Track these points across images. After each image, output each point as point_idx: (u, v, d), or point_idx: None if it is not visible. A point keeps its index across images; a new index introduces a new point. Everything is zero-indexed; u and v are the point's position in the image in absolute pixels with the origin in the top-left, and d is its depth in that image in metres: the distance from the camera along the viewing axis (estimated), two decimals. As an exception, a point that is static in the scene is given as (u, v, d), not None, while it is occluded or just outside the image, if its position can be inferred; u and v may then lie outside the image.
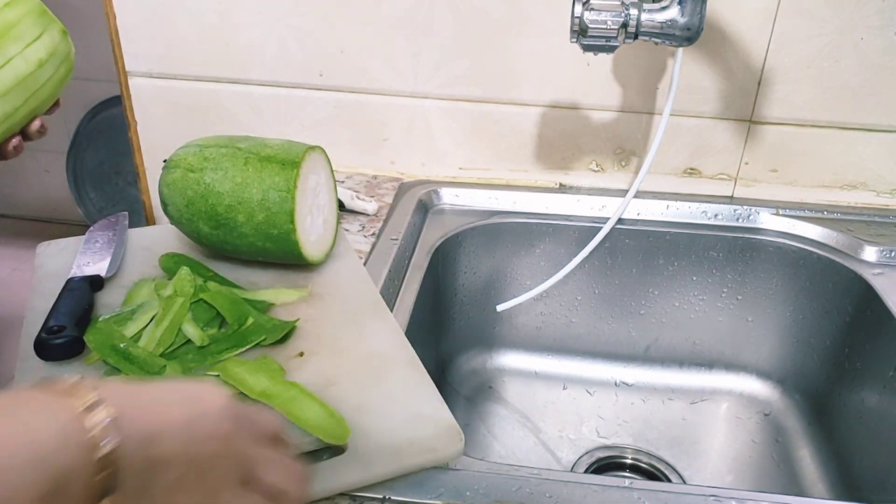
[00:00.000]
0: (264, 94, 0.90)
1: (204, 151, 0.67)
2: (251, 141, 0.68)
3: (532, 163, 0.89)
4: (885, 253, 0.79)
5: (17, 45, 0.59)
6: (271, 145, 0.67)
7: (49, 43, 0.62)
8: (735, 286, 0.85)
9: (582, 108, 0.86)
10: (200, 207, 0.66)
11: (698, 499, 0.49)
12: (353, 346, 0.60)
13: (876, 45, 0.78)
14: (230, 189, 0.65)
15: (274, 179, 0.65)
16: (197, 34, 0.88)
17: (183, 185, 0.66)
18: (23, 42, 0.60)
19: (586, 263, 0.84)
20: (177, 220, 0.68)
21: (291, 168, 0.65)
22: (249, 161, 0.65)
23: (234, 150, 0.67)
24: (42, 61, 0.61)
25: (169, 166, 0.68)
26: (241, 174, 0.65)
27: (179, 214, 0.67)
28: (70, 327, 0.58)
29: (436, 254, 0.80)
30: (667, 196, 0.87)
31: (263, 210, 0.64)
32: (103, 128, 1.87)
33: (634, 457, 0.81)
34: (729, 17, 0.79)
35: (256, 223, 0.65)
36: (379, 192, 0.88)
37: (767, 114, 0.83)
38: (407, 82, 0.87)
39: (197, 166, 0.66)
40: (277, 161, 0.65)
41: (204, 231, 0.67)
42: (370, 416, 0.52)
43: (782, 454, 0.80)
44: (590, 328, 0.90)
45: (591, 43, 0.68)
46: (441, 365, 0.88)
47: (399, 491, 0.48)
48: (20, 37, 0.59)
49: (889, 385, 0.71)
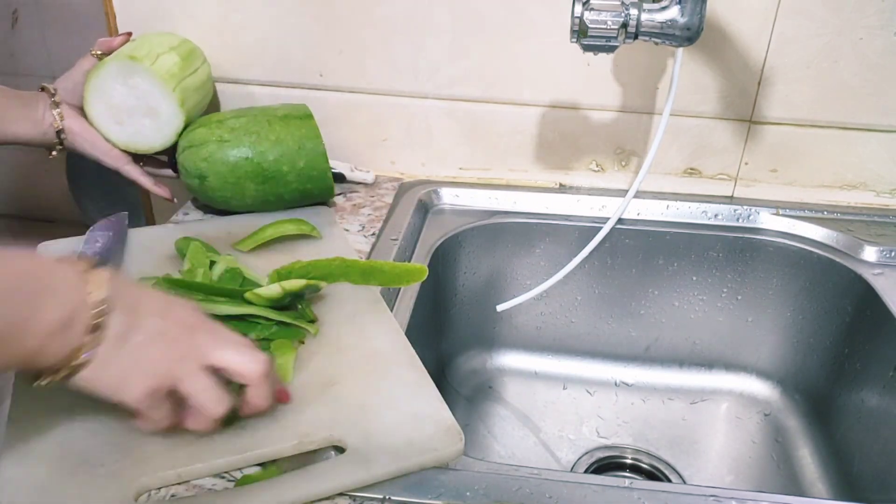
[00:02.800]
0: (264, 93, 0.90)
1: (224, 124, 0.76)
2: (255, 109, 0.79)
3: (532, 163, 0.89)
4: (885, 253, 0.79)
5: (198, 62, 0.83)
6: (276, 107, 0.80)
7: (206, 68, 0.85)
8: (735, 286, 0.85)
9: (582, 108, 0.86)
10: (246, 168, 0.75)
11: (698, 499, 0.49)
12: (353, 346, 0.60)
13: (875, 46, 0.78)
14: (270, 146, 0.75)
15: (301, 131, 0.77)
16: (197, 34, 0.88)
17: (222, 154, 0.74)
18: (199, 61, 0.83)
19: (586, 263, 0.84)
20: (219, 188, 0.75)
21: (309, 119, 0.78)
22: (272, 122, 0.77)
23: (250, 117, 0.77)
24: (209, 75, 0.85)
25: (194, 145, 0.75)
26: (273, 132, 0.76)
27: (223, 181, 0.75)
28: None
29: (436, 254, 0.80)
30: (667, 196, 0.87)
31: (303, 157, 0.76)
32: (103, 128, 1.87)
33: (634, 457, 0.81)
34: (729, 17, 0.79)
35: (299, 169, 0.77)
36: (379, 192, 0.88)
37: (767, 114, 0.83)
38: (407, 82, 0.87)
39: (228, 136, 0.75)
40: (295, 116, 0.78)
41: (250, 190, 0.76)
42: (370, 416, 0.52)
43: (782, 454, 0.80)
44: (590, 328, 0.90)
45: (591, 43, 0.67)
46: (441, 365, 0.88)
47: (399, 491, 0.48)
48: (198, 57, 0.84)
49: (889, 385, 0.71)
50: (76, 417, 0.52)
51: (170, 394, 0.47)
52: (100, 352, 0.44)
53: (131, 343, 0.45)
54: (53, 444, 0.49)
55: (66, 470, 0.47)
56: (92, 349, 0.43)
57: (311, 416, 0.52)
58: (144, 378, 0.45)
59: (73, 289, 0.43)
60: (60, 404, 0.53)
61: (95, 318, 0.43)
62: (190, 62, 0.81)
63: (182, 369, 0.46)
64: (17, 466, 0.48)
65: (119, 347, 0.44)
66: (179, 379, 0.46)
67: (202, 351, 0.47)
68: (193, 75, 0.80)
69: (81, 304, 0.43)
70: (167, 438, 0.50)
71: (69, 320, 0.43)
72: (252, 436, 0.50)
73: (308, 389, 0.55)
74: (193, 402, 0.47)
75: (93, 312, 0.43)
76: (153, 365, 0.46)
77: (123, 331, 0.45)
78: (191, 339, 0.47)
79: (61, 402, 0.53)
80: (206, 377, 0.47)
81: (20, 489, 0.46)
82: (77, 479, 0.47)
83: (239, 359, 0.48)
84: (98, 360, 0.44)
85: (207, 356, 0.47)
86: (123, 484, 0.46)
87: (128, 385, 0.45)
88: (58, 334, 0.42)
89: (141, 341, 0.45)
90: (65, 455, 0.49)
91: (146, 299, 0.47)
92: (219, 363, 0.47)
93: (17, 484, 0.46)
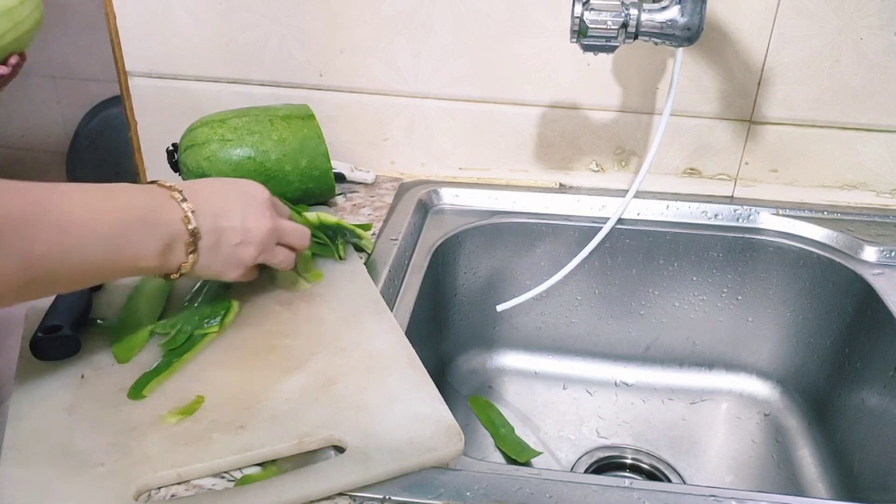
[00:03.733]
0: (264, 94, 0.90)
1: (226, 124, 0.76)
2: (256, 109, 0.79)
3: (532, 163, 0.89)
4: (885, 253, 0.79)
5: None
6: (278, 107, 0.80)
7: None
8: (735, 286, 0.85)
9: (582, 108, 0.86)
10: (249, 167, 0.75)
11: (698, 499, 0.49)
12: (354, 345, 0.60)
13: (876, 45, 0.78)
14: (273, 145, 0.76)
15: (304, 131, 0.78)
16: (197, 34, 0.88)
17: (224, 154, 0.75)
18: None
19: (586, 263, 0.84)
20: None
21: (311, 119, 0.79)
22: (274, 122, 0.77)
23: (252, 116, 0.77)
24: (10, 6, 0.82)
25: (196, 144, 0.75)
26: (275, 132, 0.76)
27: None
28: (66, 327, 0.58)
29: (436, 254, 0.80)
30: (667, 196, 0.87)
31: (305, 156, 0.77)
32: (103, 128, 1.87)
33: (634, 457, 0.81)
34: (729, 17, 0.79)
35: (301, 169, 0.77)
36: (379, 192, 0.88)
37: (767, 114, 0.83)
38: (407, 82, 0.87)
39: (231, 135, 0.75)
40: (297, 116, 0.78)
41: None
42: (370, 416, 0.52)
43: (782, 454, 0.80)
44: (590, 328, 0.90)
45: (591, 43, 0.67)
46: (441, 365, 0.88)
47: (399, 491, 0.48)
48: None
49: (889, 385, 0.71)
50: (76, 417, 0.52)
51: None
52: (199, 261, 0.57)
53: (223, 249, 0.58)
54: (53, 444, 0.49)
55: (66, 470, 0.47)
56: (192, 262, 0.56)
57: (311, 416, 0.52)
58: (237, 267, 0.60)
59: (173, 218, 0.55)
60: (60, 404, 0.53)
61: (190, 239, 0.55)
62: None
63: (263, 256, 0.61)
64: (17, 466, 0.48)
65: (214, 254, 0.57)
66: (264, 260, 0.62)
67: (274, 237, 0.62)
68: None
69: (181, 231, 0.55)
70: (167, 438, 0.50)
71: (172, 243, 0.54)
72: (252, 436, 0.50)
73: (308, 389, 0.55)
74: (274, 266, 0.64)
75: (188, 239, 0.55)
76: (243, 258, 0.60)
77: (213, 242, 0.57)
78: (266, 233, 0.60)
79: (61, 402, 0.53)
80: (279, 251, 0.63)
81: (20, 489, 0.46)
82: (77, 479, 0.47)
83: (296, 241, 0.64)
84: (199, 267, 0.57)
85: (280, 239, 0.63)
86: (123, 484, 0.46)
87: (226, 274, 0.60)
88: (166, 254, 0.54)
89: (230, 247, 0.58)
90: (65, 455, 0.49)
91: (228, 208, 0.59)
92: (284, 243, 0.63)
93: (17, 484, 0.46)
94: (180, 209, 0.55)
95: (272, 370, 0.57)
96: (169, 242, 0.54)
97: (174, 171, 0.79)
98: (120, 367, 0.57)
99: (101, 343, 0.60)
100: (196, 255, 0.56)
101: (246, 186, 0.62)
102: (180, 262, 0.56)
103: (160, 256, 0.54)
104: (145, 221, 0.53)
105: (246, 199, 0.60)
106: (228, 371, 0.57)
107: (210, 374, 0.56)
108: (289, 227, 0.64)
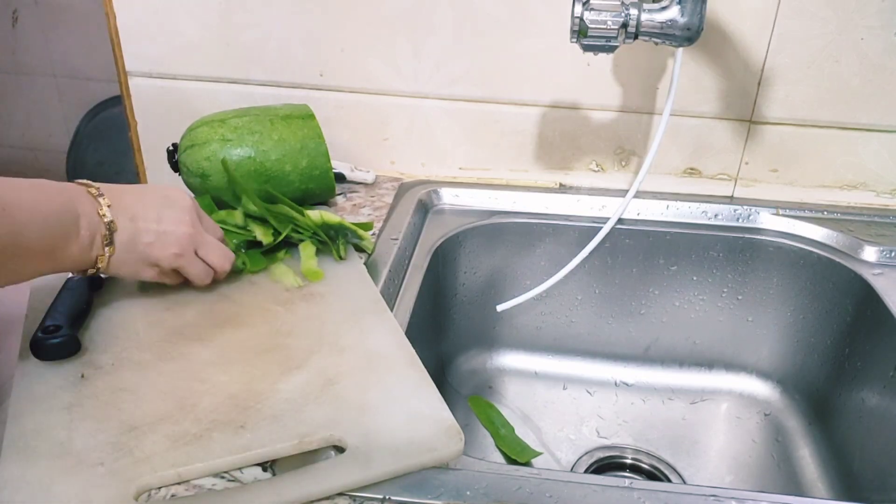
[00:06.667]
0: (264, 94, 0.90)
1: (226, 124, 0.76)
2: (256, 109, 0.79)
3: (532, 163, 0.89)
4: (885, 253, 0.79)
5: None
6: (278, 107, 0.80)
7: None
8: (735, 286, 0.85)
9: (582, 108, 0.86)
10: (249, 167, 0.75)
11: (698, 499, 0.49)
12: (354, 345, 0.60)
13: (876, 46, 0.78)
14: (273, 145, 0.76)
15: (304, 131, 0.78)
16: (197, 34, 0.88)
17: (225, 153, 0.75)
18: None
19: (586, 263, 0.84)
20: (222, 187, 0.75)
21: (311, 119, 0.79)
22: (274, 122, 0.77)
23: (252, 116, 0.77)
24: None
25: (196, 144, 0.75)
26: (275, 132, 0.77)
27: (225, 181, 0.75)
28: (66, 326, 0.58)
29: (436, 254, 0.80)
30: (667, 196, 0.87)
31: (305, 156, 0.77)
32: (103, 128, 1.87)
33: (634, 457, 0.80)
34: (729, 17, 0.79)
35: (301, 169, 0.78)
36: (379, 192, 0.88)
37: (767, 114, 0.83)
38: (407, 82, 0.87)
39: (231, 135, 0.75)
40: (297, 117, 0.79)
41: (252, 189, 0.75)
42: (370, 416, 0.52)
43: (782, 454, 0.80)
44: (590, 328, 0.90)
45: (591, 43, 0.68)
46: (441, 365, 0.88)
47: (399, 491, 0.48)
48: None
49: (889, 385, 0.71)
50: (76, 417, 0.52)
51: None
52: (114, 256, 0.58)
53: (137, 246, 0.59)
54: (53, 444, 0.49)
55: (65, 470, 0.47)
56: (108, 256, 0.58)
57: (311, 416, 0.52)
58: (151, 268, 0.62)
59: (90, 210, 0.56)
60: (60, 404, 0.53)
61: (106, 231, 0.57)
62: None
63: (178, 260, 0.62)
64: (17, 466, 0.48)
65: (128, 250, 0.59)
66: (179, 266, 0.63)
67: (191, 245, 0.62)
68: None
69: (98, 223, 0.57)
70: (167, 438, 0.50)
71: (93, 236, 0.56)
72: (252, 436, 0.50)
73: (308, 389, 0.55)
74: (189, 277, 0.64)
75: (104, 231, 0.57)
76: (157, 259, 0.61)
77: (128, 238, 0.59)
78: (182, 237, 0.61)
79: (61, 401, 0.53)
80: (196, 262, 0.63)
81: (20, 489, 0.46)
82: (77, 479, 0.47)
83: (215, 258, 0.65)
84: (115, 261, 0.59)
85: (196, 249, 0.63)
86: (123, 484, 0.46)
87: (140, 273, 0.62)
88: (86, 248, 0.56)
89: (144, 245, 0.60)
90: (65, 455, 0.49)
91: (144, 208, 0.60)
92: (202, 257, 0.64)
93: (17, 484, 0.46)
94: (96, 203, 0.57)
95: (272, 370, 0.57)
96: (90, 233, 0.56)
97: (174, 170, 0.79)
98: (120, 367, 0.57)
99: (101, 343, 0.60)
100: (112, 248, 0.58)
101: (168, 192, 0.63)
102: (97, 254, 0.57)
103: (87, 247, 0.56)
104: (71, 211, 0.55)
105: (164, 202, 0.62)
106: (228, 371, 0.57)
107: (210, 374, 0.56)
108: (211, 241, 0.64)
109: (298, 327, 0.62)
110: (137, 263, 0.60)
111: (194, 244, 0.62)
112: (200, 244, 0.63)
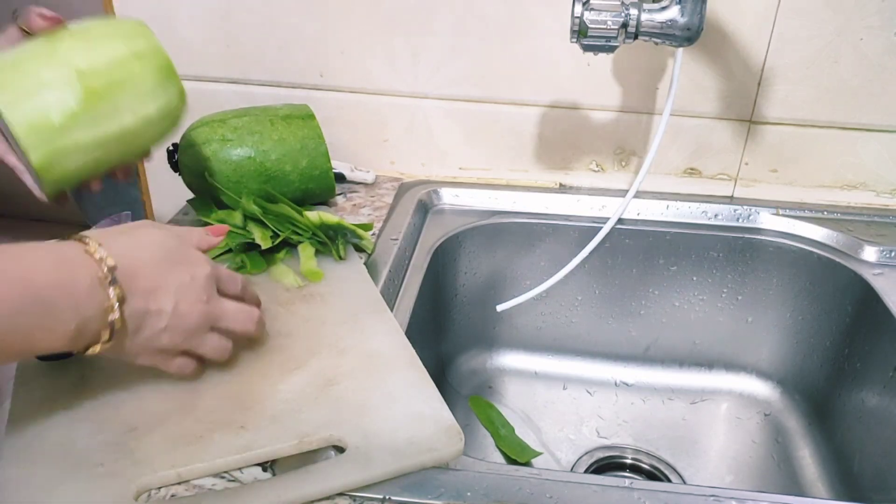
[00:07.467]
0: (264, 93, 0.90)
1: (226, 124, 0.76)
2: (256, 109, 0.79)
3: (532, 163, 0.89)
4: (885, 253, 0.79)
5: (130, 100, 0.57)
6: (278, 107, 0.80)
7: (163, 103, 0.60)
8: (735, 286, 0.85)
9: (582, 108, 0.86)
10: (249, 168, 0.75)
11: (698, 499, 0.49)
12: (354, 346, 0.60)
13: (876, 46, 0.78)
14: (273, 145, 0.76)
15: (304, 131, 0.78)
16: (197, 34, 0.88)
17: (225, 153, 0.75)
18: (137, 98, 0.58)
19: (586, 263, 0.84)
20: (225, 186, 0.75)
21: (311, 119, 0.79)
22: (274, 122, 0.77)
23: (252, 116, 0.78)
24: (150, 120, 0.59)
25: (197, 144, 0.75)
26: (275, 132, 0.77)
27: (227, 180, 0.75)
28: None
29: (436, 254, 0.80)
30: (667, 196, 0.87)
31: (305, 156, 0.77)
32: (103, 128, 1.87)
33: (634, 457, 0.80)
34: (729, 17, 0.79)
35: (301, 169, 0.78)
36: (379, 192, 0.88)
37: (767, 114, 0.83)
38: (407, 82, 0.87)
39: (231, 135, 0.76)
40: (297, 117, 0.79)
41: (252, 189, 0.76)
42: (370, 417, 0.52)
43: (782, 454, 0.80)
44: (590, 328, 0.90)
45: (591, 43, 0.67)
46: (441, 365, 0.88)
47: (399, 491, 0.48)
48: (137, 92, 0.58)
49: (889, 385, 0.71)
50: (76, 417, 0.52)
51: None
52: (115, 342, 0.48)
53: (144, 332, 0.50)
54: (53, 444, 0.49)
55: (66, 470, 0.47)
56: (107, 343, 0.48)
57: (311, 416, 0.52)
58: (153, 355, 0.52)
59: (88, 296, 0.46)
60: (60, 404, 0.53)
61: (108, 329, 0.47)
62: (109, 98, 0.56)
63: (188, 343, 0.52)
64: (17, 466, 0.48)
65: (135, 335, 0.49)
66: (191, 349, 0.53)
67: (207, 323, 0.53)
68: (94, 125, 0.56)
69: (98, 312, 0.46)
70: (167, 438, 0.50)
71: (85, 325, 0.46)
72: (252, 436, 0.50)
73: (308, 389, 0.55)
74: (203, 356, 0.55)
75: (109, 319, 0.47)
76: (163, 346, 0.51)
77: (135, 328, 0.49)
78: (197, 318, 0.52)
79: (61, 401, 0.53)
80: (210, 339, 0.54)
81: (20, 489, 0.46)
82: (77, 479, 0.47)
83: (238, 325, 0.55)
84: (114, 346, 0.48)
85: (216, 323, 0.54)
86: (123, 484, 0.46)
87: (142, 359, 0.52)
88: (78, 337, 0.46)
89: (153, 331, 0.50)
90: (65, 455, 0.49)
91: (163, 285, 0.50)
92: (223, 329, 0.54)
93: (17, 484, 0.46)
94: (105, 296, 0.46)
95: (272, 370, 0.57)
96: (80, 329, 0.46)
97: (174, 170, 0.79)
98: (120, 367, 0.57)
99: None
100: (110, 343, 0.48)
101: (191, 258, 0.53)
102: (90, 346, 0.47)
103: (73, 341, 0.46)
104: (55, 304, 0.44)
105: (184, 279, 0.51)
106: (228, 371, 0.57)
107: (210, 374, 0.56)
108: (230, 308, 0.54)
109: (298, 328, 0.62)
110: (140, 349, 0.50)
111: (212, 320, 0.53)
112: (219, 317, 0.54)
